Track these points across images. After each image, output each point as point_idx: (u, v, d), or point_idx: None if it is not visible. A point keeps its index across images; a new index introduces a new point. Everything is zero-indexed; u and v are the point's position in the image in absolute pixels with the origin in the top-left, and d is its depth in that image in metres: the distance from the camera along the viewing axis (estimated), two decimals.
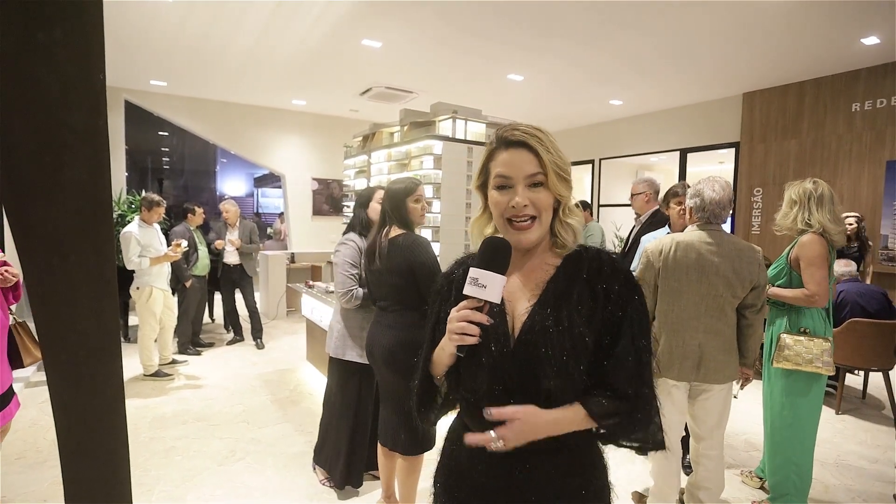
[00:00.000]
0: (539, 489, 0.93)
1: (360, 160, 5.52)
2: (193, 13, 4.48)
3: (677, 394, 2.17)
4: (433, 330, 1.03)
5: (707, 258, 2.07)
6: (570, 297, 0.93)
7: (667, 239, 2.17)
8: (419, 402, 1.03)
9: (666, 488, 2.26)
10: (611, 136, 8.60)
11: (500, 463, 0.93)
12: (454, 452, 1.02)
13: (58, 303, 0.79)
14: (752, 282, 2.08)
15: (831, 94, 5.83)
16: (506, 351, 0.92)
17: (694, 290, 2.08)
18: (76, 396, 0.82)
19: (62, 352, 0.80)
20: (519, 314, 0.95)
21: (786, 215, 2.39)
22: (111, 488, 0.86)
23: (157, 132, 12.79)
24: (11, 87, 0.71)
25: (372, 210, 2.54)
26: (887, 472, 2.94)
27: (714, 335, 2.10)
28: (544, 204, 0.94)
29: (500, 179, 0.95)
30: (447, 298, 1.02)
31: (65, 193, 0.75)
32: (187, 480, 2.72)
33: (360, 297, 2.42)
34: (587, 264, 0.96)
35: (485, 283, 0.86)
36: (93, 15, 0.76)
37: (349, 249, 2.49)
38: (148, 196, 4.40)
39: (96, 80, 0.76)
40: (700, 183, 2.20)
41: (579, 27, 4.59)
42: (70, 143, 0.75)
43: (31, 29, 0.71)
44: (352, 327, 2.51)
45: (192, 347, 5.18)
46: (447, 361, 0.95)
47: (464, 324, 0.86)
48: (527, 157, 0.93)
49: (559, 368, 0.89)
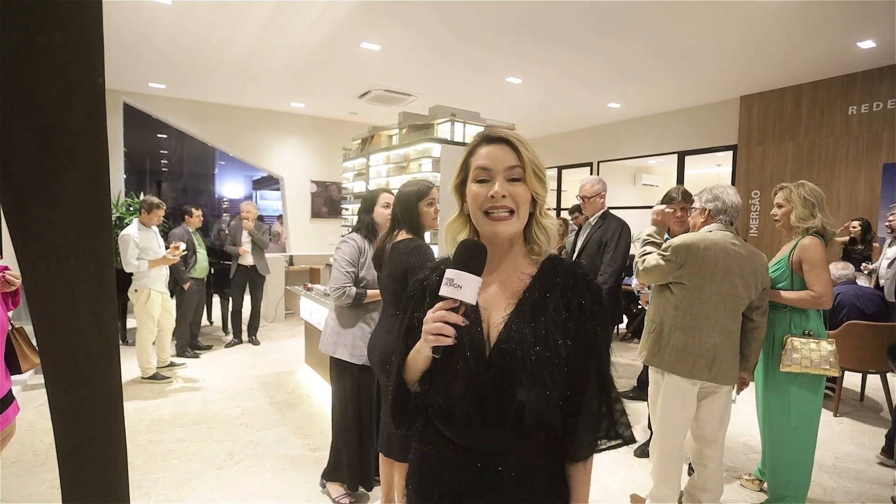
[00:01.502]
0: (506, 489, 0.95)
1: (358, 163, 5.53)
2: (192, 16, 4.49)
3: (689, 396, 2.17)
4: (406, 335, 1.04)
5: (733, 258, 2.12)
6: (546, 307, 0.95)
7: (695, 236, 2.18)
8: (394, 408, 1.04)
9: (666, 490, 2.26)
10: (609, 139, 8.62)
11: (469, 465, 0.95)
12: (425, 455, 1.03)
13: (56, 306, 0.79)
14: (762, 284, 2.17)
15: (828, 98, 5.86)
16: (481, 358, 0.93)
17: (716, 289, 2.11)
18: (74, 399, 0.82)
19: (60, 355, 0.80)
20: (495, 323, 0.96)
21: (809, 217, 2.32)
22: (109, 491, 0.86)
23: (156, 135, 12.78)
24: (11, 91, 0.71)
25: (377, 214, 2.52)
26: (885, 474, 2.94)
27: (727, 336, 2.13)
28: (522, 198, 0.95)
29: (480, 171, 0.96)
30: (421, 303, 1.03)
31: (64, 197, 0.76)
32: (185, 483, 2.71)
33: (353, 296, 2.41)
34: (563, 277, 0.98)
35: (460, 284, 0.86)
36: (92, 19, 0.76)
37: (349, 248, 2.48)
38: (147, 199, 4.40)
39: (96, 85, 0.76)
40: (715, 188, 2.29)
41: (578, 30, 4.61)
42: (69, 146, 0.75)
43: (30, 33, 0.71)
44: (345, 324, 2.50)
45: (191, 350, 5.17)
46: (422, 365, 0.95)
47: (439, 324, 0.87)
48: (507, 152, 0.95)
49: (535, 378, 0.90)
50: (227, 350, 5.45)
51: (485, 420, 0.92)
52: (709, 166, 8.76)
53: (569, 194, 10.18)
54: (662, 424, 2.23)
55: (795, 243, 2.36)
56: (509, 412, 0.91)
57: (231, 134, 7.98)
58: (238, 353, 5.33)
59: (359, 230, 2.56)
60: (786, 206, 2.41)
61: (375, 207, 2.54)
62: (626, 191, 9.90)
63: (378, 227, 2.53)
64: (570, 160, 9.38)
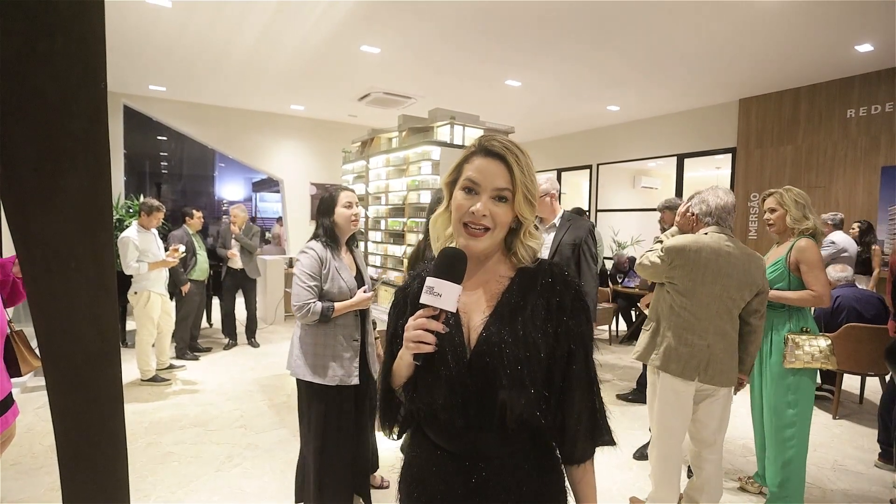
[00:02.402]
0: (493, 494, 0.95)
1: (358, 165, 5.54)
2: (192, 19, 4.50)
3: (685, 398, 2.17)
4: (391, 343, 1.05)
5: (725, 260, 2.12)
6: (525, 308, 0.95)
7: (688, 239, 2.20)
8: (382, 416, 1.05)
9: (665, 492, 2.26)
10: (608, 142, 8.64)
11: (457, 469, 0.96)
12: (413, 461, 1.04)
13: (57, 308, 0.79)
14: (758, 286, 2.15)
15: (826, 101, 5.88)
16: (462, 362, 0.94)
17: (708, 290, 2.12)
18: (75, 402, 0.83)
19: (61, 357, 0.81)
20: (474, 326, 0.97)
21: (802, 218, 2.43)
22: (109, 494, 0.87)
23: (156, 137, 12.80)
24: (13, 96, 0.72)
25: (338, 216, 2.24)
26: (884, 477, 2.94)
27: (722, 337, 2.13)
28: (502, 220, 0.95)
29: (469, 183, 0.96)
30: (404, 311, 1.04)
31: (65, 201, 0.76)
32: (184, 486, 2.71)
33: (318, 313, 2.09)
34: (540, 277, 0.99)
35: (440, 292, 0.87)
36: (94, 24, 0.76)
37: (308, 259, 2.16)
38: (147, 201, 4.40)
39: (97, 89, 0.77)
40: (705, 190, 2.30)
41: (577, 33, 4.63)
42: (70, 150, 0.75)
43: (32, 38, 0.71)
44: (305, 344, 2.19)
45: (190, 352, 5.17)
46: (405, 372, 0.97)
47: (420, 332, 0.88)
48: (500, 170, 0.95)
49: (514, 379, 0.91)
50: (227, 352, 5.45)
51: (469, 423, 0.93)
52: (708, 169, 8.78)
53: (568, 196, 10.20)
54: (659, 426, 2.24)
55: (791, 245, 2.43)
56: (492, 414, 0.92)
57: (231, 136, 8.00)
58: (237, 356, 5.32)
59: (317, 237, 2.26)
60: (779, 209, 2.49)
61: (336, 208, 2.24)
62: (625, 193, 9.91)
63: (340, 231, 2.25)
64: (569, 163, 9.40)
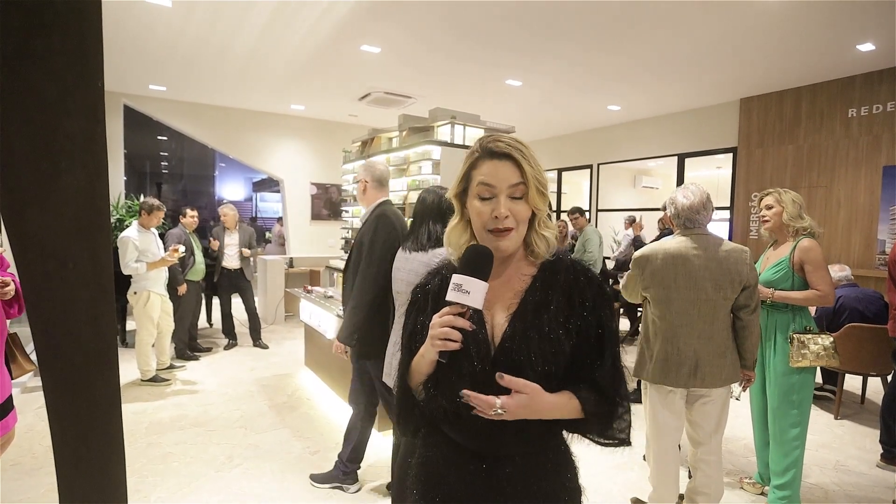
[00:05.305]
0: (512, 492, 0.95)
1: (358, 165, 5.53)
2: (192, 18, 4.50)
3: (675, 399, 2.17)
4: (409, 340, 1.04)
5: (694, 263, 2.07)
6: (548, 305, 0.96)
7: (653, 247, 2.18)
8: (399, 413, 1.04)
9: (665, 493, 2.26)
10: (609, 142, 8.63)
11: (474, 467, 0.96)
12: (429, 459, 1.04)
13: (55, 309, 0.78)
14: (741, 282, 2.07)
15: (828, 100, 5.86)
16: (487, 359, 0.93)
17: (683, 296, 2.08)
18: (72, 403, 0.82)
19: (58, 358, 0.80)
20: (498, 323, 0.97)
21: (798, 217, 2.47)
22: (107, 495, 0.86)
23: (156, 137, 12.80)
24: (9, 94, 0.71)
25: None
26: (887, 478, 2.93)
27: (708, 340, 2.09)
28: (522, 216, 0.96)
29: (484, 188, 0.96)
30: (423, 309, 1.03)
31: (62, 200, 0.75)
32: (184, 486, 2.70)
33: None
34: (563, 274, 0.99)
35: (468, 290, 0.87)
36: (91, 22, 0.76)
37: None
38: (147, 201, 4.39)
39: (94, 87, 0.76)
40: (676, 191, 2.21)
41: (578, 33, 4.62)
42: (68, 149, 0.75)
43: (29, 36, 0.71)
44: None
45: (190, 352, 5.16)
46: (426, 370, 0.96)
47: (447, 329, 0.87)
48: (510, 168, 0.96)
49: (539, 375, 0.91)
50: (227, 352, 5.44)
51: (492, 421, 0.92)
52: (709, 168, 8.77)
53: (568, 196, 10.19)
54: (652, 429, 2.26)
55: (794, 245, 2.45)
56: None
57: (231, 136, 7.99)
58: (237, 356, 5.32)
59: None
60: (776, 206, 2.53)
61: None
62: (625, 193, 9.90)
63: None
64: (569, 162, 9.39)
